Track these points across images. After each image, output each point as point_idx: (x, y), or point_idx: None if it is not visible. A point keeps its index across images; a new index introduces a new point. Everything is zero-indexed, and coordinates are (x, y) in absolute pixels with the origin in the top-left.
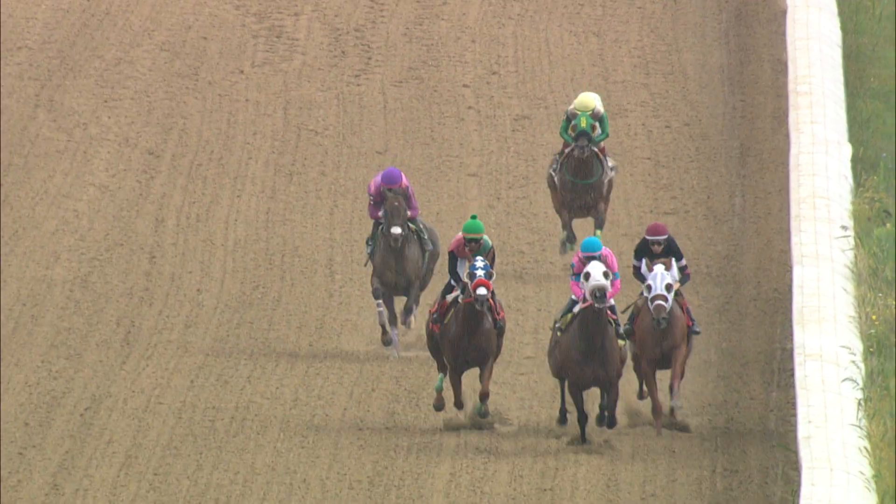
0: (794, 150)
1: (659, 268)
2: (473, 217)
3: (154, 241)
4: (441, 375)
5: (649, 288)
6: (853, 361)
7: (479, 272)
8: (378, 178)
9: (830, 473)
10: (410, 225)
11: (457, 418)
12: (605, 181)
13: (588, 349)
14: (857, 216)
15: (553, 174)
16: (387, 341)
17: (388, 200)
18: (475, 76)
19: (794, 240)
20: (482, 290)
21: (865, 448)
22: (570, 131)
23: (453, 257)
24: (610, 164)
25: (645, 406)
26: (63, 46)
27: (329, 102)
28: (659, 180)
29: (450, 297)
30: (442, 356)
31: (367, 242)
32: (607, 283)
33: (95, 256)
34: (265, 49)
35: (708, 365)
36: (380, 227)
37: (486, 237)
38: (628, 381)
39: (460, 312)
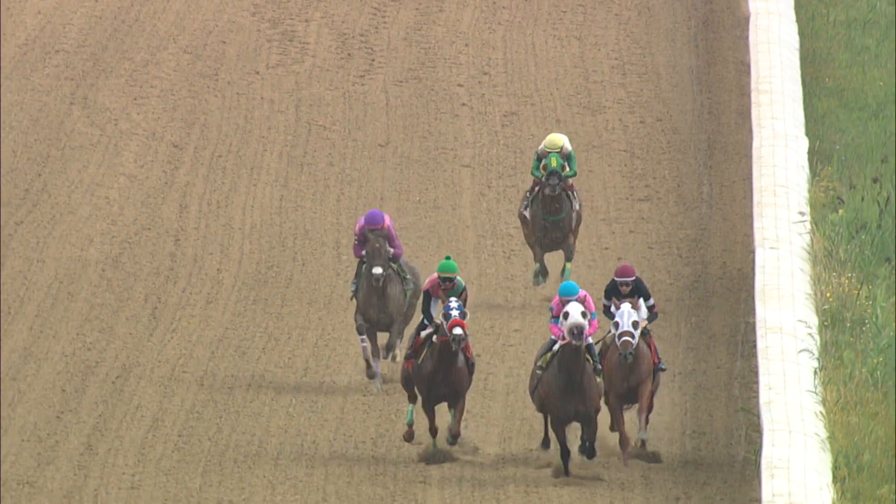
0: (756, 143)
1: (626, 306)
2: (447, 258)
3: (178, 226)
4: (411, 407)
5: (616, 325)
6: (810, 334)
7: (454, 312)
8: (362, 220)
9: (789, 436)
10: (392, 265)
11: (429, 448)
12: (574, 216)
13: (568, 385)
14: (813, 203)
15: (524, 211)
16: (371, 374)
17: (370, 242)
18: (468, 76)
19: (757, 224)
20: (458, 331)
21: (821, 412)
22: (541, 170)
23: (427, 296)
24: (577, 201)
25: (615, 438)
26: (96, 49)
27: (336, 100)
28: (634, 170)
29: (423, 335)
30: (413, 388)
31: (352, 281)
32: (585, 321)
33: (125, 239)
34: (279, 52)
35: (678, 338)
36: (363, 266)
37: (459, 278)
38: (604, 414)
39: (435, 351)
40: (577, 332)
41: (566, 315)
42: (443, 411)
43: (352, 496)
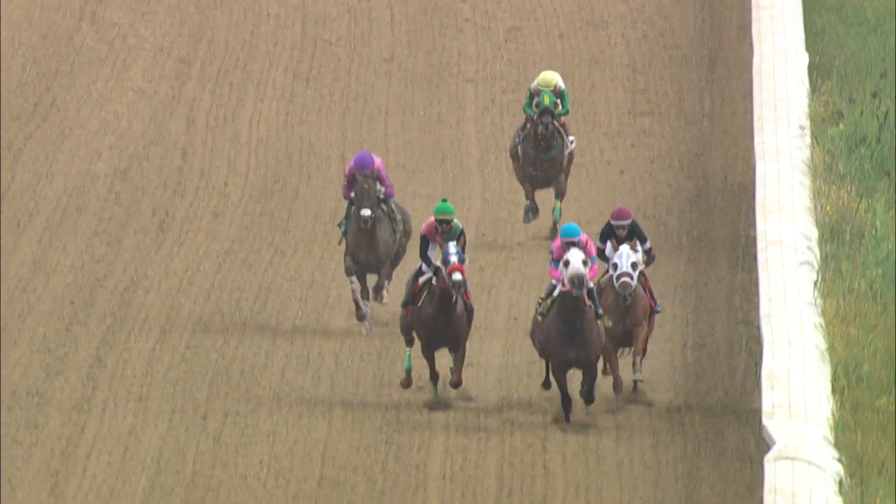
0: (756, 59)
1: (625, 247)
2: (444, 200)
3: (186, 140)
4: (409, 353)
5: (615, 266)
6: (809, 247)
7: (453, 258)
8: (352, 163)
9: (789, 347)
10: (382, 206)
11: (431, 396)
12: (566, 154)
13: (568, 332)
14: (813, 117)
15: (517, 147)
16: (360, 316)
17: (359, 183)
18: None
19: (757, 139)
20: (457, 276)
21: (820, 324)
22: (533, 108)
23: (425, 241)
24: (570, 138)
25: (608, 383)
26: None
27: (342, 16)
28: (636, 85)
29: (421, 280)
30: (411, 334)
31: (339, 224)
32: (585, 270)
33: (133, 153)
34: None
35: (680, 250)
36: (352, 208)
37: (456, 220)
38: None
39: (434, 297)
40: (577, 281)
41: (567, 263)
42: (442, 357)
43: (356, 406)
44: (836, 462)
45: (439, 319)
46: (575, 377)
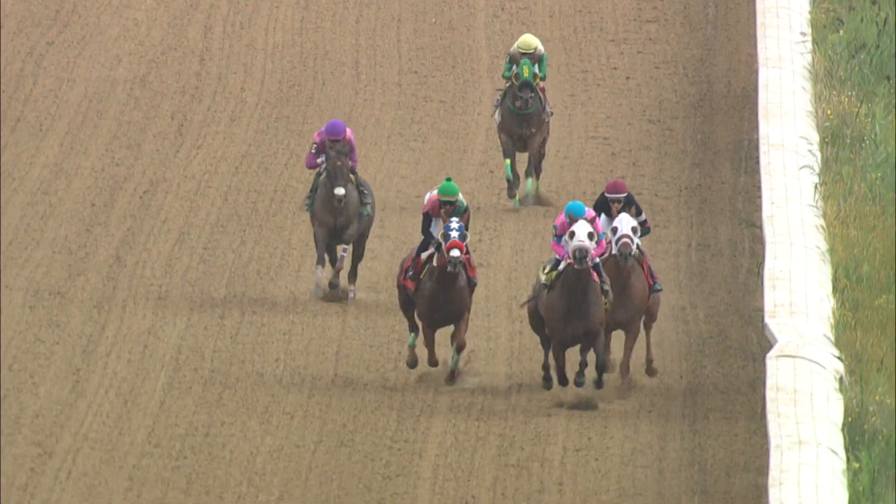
0: None
1: (624, 215)
2: (448, 179)
3: (203, 46)
4: (413, 335)
5: (615, 230)
6: (810, 150)
7: (454, 233)
8: (322, 129)
9: (790, 248)
10: (351, 177)
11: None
12: (543, 117)
13: (570, 307)
14: (814, 24)
15: (497, 108)
16: (318, 294)
17: (332, 160)
18: None
19: (760, 45)
20: (455, 252)
21: (821, 226)
22: (513, 79)
23: (427, 218)
24: (549, 106)
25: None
26: None
27: None
28: None
29: (424, 255)
30: (413, 314)
31: (307, 196)
32: (590, 244)
33: (153, 59)
34: None
35: (685, 154)
36: (318, 180)
37: (461, 198)
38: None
39: (435, 272)
40: (579, 255)
41: (572, 235)
42: (444, 339)
43: (370, 306)
44: (837, 360)
45: (440, 294)
46: (571, 370)
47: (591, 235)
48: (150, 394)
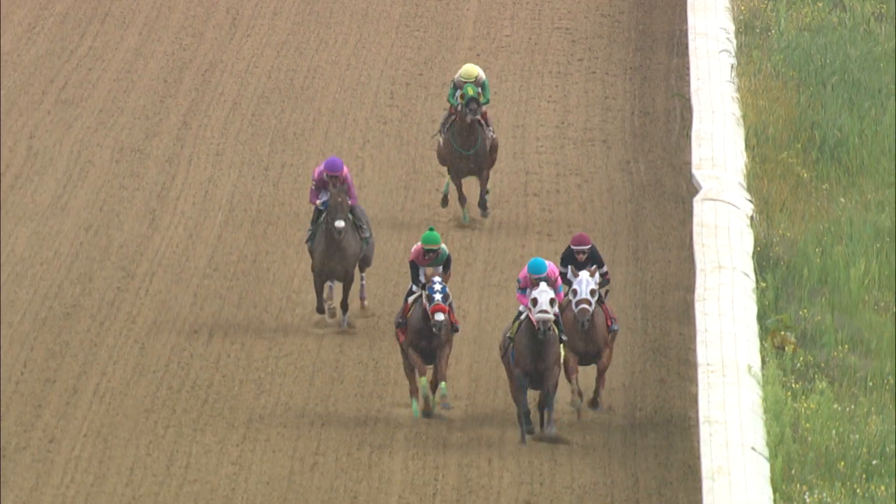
0: None
1: (584, 274)
2: (431, 229)
3: None
4: (414, 403)
5: (575, 293)
6: (728, 38)
7: (437, 296)
8: (321, 167)
9: (713, 115)
10: (349, 216)
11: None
12: (487, 144)
13: (532, 354)
14: None
15: (440, 138)
16: (320, 310)
17: (332, 196)
18: None
19: None
20: (440, 317)
21: (736, 97)
22: (459, 98)
23: (414, 266)
24: (491, 130)
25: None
26: None
27: None
28: None
29: (411, 300)
30: (414, 376)
31: (308, 229)
32: (552, 313)
33: None
34: None
35: (629, 41)
36: (319, 217)
37: (443, 246)
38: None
39: (423, 313)
40: (542, 326)
41: (535, 302)
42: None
43: (383, 158)
44: (748, 202)
45: (426, 338)
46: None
47: (552, 302)
48: (210, 229)
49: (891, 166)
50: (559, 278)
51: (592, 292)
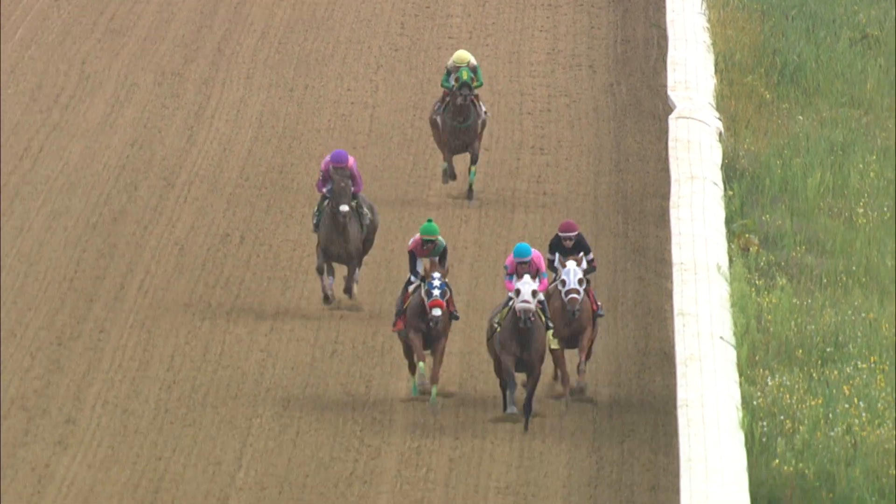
0: None
1: (571, 264)
2: (429, 220)
3: None
4: (413, 383)
5: (563, 283)
6: None
7: (436, 292)
8: (328, 158)
9: (686, 42)
10: (352, 203)
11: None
12: (479, 123)
13: (517, 337)
14: None
15: (435, 117)
16: (327, 302)
17: (336, 182)
18: None
19: None
20: (437, 312)
21: (707, 27)
22: (453, 82)
23: (413, 256)
24: (483, 108)
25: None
26: None
27: None
28: None
29: (411, 289)
30: (413, 357)
31: (314, 213)
32: (533, 304)
33: None
34: None
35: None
36: (325, 202)
37: (440, 238)
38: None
39: (421, 305)
40: (524, 315)
41: (518, 292)
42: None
43: (394, 89)
44: (717, 120)
45: (424, 325)
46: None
47: (534, 294)
48: (241, 144)
49: (843, 88)
50: (542, 265)
51: (580, 281)
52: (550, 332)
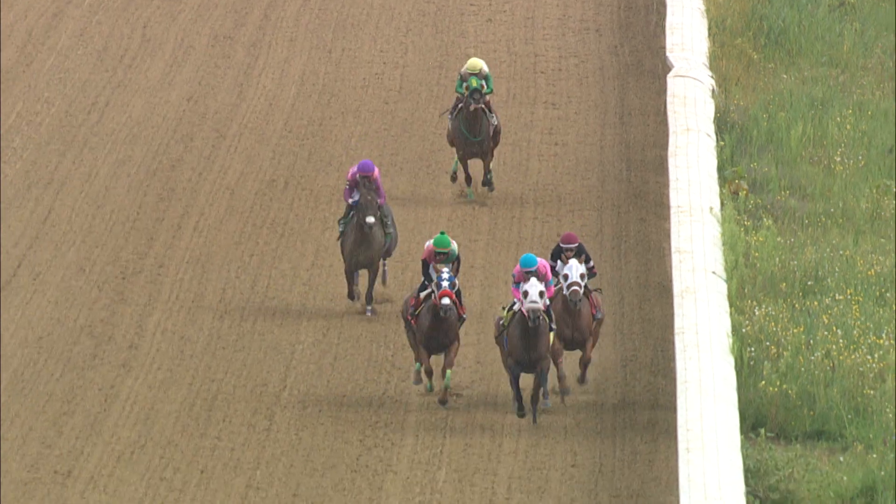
0: None
1: (573, 261)
2: (442, 233)
3: None
4: (418, 365)
5: (566, 277)
6: None
7: (445, 283)
8: (355, 168)
9: (682, 8)
10: (377, 213)
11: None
12: (491, 131)
13: (524, 341)
14: None
15: (452, 126)
16: (351, 295)
17: (363, 194)
18: None
19: None
20: (446, 301)
21: None
22: (464, 89)
23: (425, 264)
24: (494, 116)
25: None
26: None
27: None
28: None
29: (423, 294)
30: (417, 344)
31: (339, 222)
32: (542, 304)
33: None
34: None
35: None
36: (352, 213)
37: (453, 248)
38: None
39: (430, 308)
40: (532, 315)
41: (525, 294)
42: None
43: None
44: (710, 78)
45: (434, 327)
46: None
47: (541, 294)
48: (285, 99)
49: (822, 49)
50: (549, 273)
51: (582, 276)
52: (552, 333)
